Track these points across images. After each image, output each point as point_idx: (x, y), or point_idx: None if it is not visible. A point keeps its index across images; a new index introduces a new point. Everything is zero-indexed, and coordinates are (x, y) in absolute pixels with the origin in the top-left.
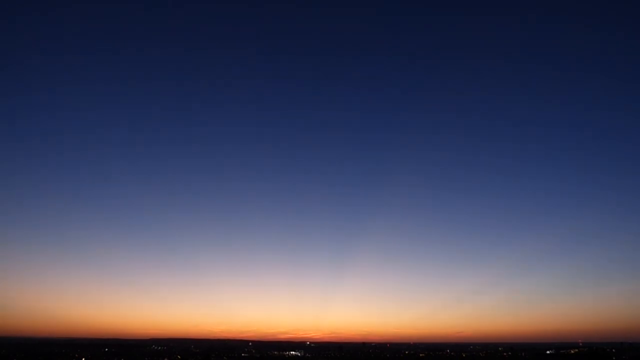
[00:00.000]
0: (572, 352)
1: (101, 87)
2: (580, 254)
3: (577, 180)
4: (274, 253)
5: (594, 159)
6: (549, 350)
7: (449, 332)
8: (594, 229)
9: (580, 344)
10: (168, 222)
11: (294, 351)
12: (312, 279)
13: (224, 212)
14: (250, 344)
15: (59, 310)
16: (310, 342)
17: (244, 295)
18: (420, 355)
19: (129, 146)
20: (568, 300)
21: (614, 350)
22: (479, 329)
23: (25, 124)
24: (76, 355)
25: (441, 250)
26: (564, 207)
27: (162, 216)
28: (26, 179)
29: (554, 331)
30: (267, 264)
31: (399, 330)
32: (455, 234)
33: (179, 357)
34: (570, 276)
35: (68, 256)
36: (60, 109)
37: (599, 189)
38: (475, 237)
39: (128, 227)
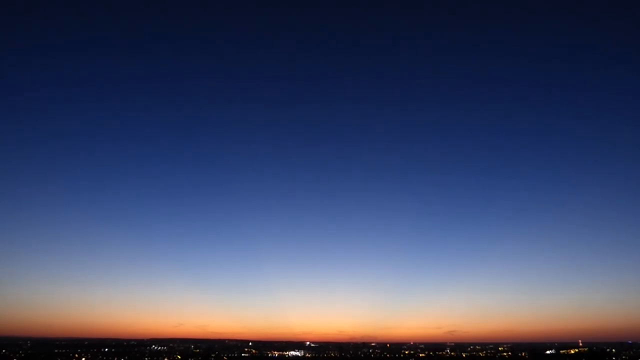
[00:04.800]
0: (572, 352)
1: (114, 89)
2: (581, 254)
3: (578, 179)
4: (273, 253)
5: (594, 154)
6: (549, 350)
7: (445, 332)
8: (594, 229)
9: (580, 344)
10: (168, 222)
11: (294, 351)
12: (312, 278)
13: (224, 213)
14: (250, 344)
15: (59, 310)
16: (310, 342)
17: (244, 295)
18: (420, 355)
19: (130, 148)
20: (568, 300)
21: (614, 350)
22: (479, 329)
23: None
24: (76, 355)
25: (441, 250)
26: (565, 206)
27: (161, 216)
28: (27, 179)
29: (554, 331)
30: (266, 263)
31: (399, 330)
32: (455, 234)
33: (179, 357)
34: (570, 276)
35: (68, 256)
36: (73, 112)
37: (600, 188)
38: (475, 236)
39: (128, 227)
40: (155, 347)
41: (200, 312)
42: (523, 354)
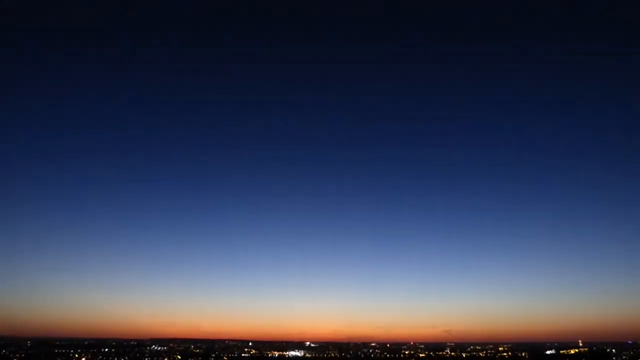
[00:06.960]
0: (572, 352)
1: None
2: (581, 254)
3: (577, 179)
4: (273, 253)
5: (593, 157)
6: (549, 350)
7: (444, 331)
8: (594, 229)
9: (580, 344)
10: (168, 223)
11: (294, 351)
12: (312, 278)
13: (223, 214)
14: (250, 344)
15: (59, 310)
16: (310, 342)
17: (244, 296)
18: (420, 355)
19: (131, 153)
20: (568, 300)
21: (614, 350)
22: (479, 329)
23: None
24: (76, 355)
25: (442, 250)
26: (564, 206)
27: (162, 217)
28: (27, 180)
29: (554, 331)
30: (267, 263)
31: (399, 330)
32: (454, 233)
33: (179, 357)
34: (570, 276)
35: (68, 256)
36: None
37: (599, 188)
38: (475, 237)
39: (128, 227)
40: (155, 347)
41: (200, 312)
42: (523, 354)
